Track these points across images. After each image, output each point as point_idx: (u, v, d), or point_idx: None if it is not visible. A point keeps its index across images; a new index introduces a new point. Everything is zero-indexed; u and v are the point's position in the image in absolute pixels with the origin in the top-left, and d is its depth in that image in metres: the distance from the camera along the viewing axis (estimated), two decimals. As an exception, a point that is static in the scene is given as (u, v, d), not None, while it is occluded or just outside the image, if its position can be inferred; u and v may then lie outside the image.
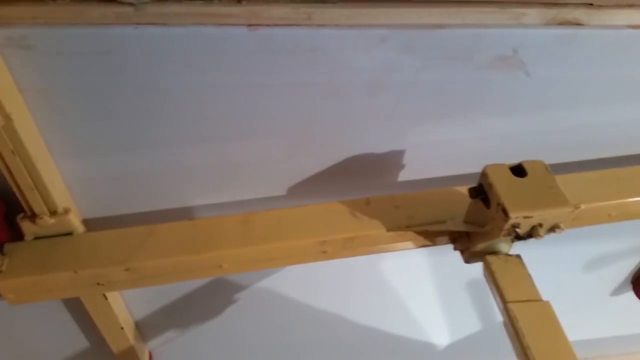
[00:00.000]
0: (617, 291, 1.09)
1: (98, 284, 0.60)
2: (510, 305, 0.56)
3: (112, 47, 0.49)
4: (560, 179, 0.68)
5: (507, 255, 0.62)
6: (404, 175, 0.72)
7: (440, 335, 1.15)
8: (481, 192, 0.57)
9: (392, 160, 0.69)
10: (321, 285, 0.91)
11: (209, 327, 0.93)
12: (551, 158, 0.74)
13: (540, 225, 0.54)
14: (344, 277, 0.90)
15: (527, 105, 0.64)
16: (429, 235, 0.65)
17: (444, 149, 0.69)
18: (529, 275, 0.60)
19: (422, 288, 0.96)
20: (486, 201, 0.56)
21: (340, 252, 0.64)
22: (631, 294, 1.08)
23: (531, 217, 0.53)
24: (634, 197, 0.67)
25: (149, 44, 0.49)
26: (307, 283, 0.89)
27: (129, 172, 0.62)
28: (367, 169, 0.69)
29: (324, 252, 0.64)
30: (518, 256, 0.62)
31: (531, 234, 0.55)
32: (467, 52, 0.57)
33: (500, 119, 0.66)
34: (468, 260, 0.65)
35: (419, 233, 0.64)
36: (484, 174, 0.56)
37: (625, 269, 1.04)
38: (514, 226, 0.53)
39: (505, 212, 0.53)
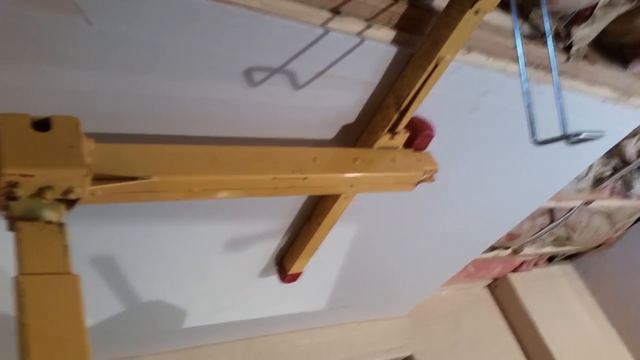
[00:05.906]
0: (264, 273, 1.15)
1: None
2: (22, 278, 0.49)
3: None
4: (142, 148, 0.64)
5: (48, 222, 0.54)
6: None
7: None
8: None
9: None
10: None
11: None
12: (146, 128, 0.70)
13: (50, 187, 0.47)
14: None
15: (96, 60, 0.58)
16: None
17: (14, 98, 0.58)
18: (66, 247, 0.53)
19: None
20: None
21: None
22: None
23: (32, 175, 0.46)
24: (216, 174, 0.67)
25: None
26: None
27: None
28: None
29: None
30: (61, 225, 0.55)
31: (43, 196, 0.48)
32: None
33: (69, 72, 0.58)
34: (8, 227, 0.55)
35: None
36: (-1, 123, 0.48)
37: (267, 251, 1.09)
38: (11, 185, 0.46)
39: (0, 168, 0.45)
